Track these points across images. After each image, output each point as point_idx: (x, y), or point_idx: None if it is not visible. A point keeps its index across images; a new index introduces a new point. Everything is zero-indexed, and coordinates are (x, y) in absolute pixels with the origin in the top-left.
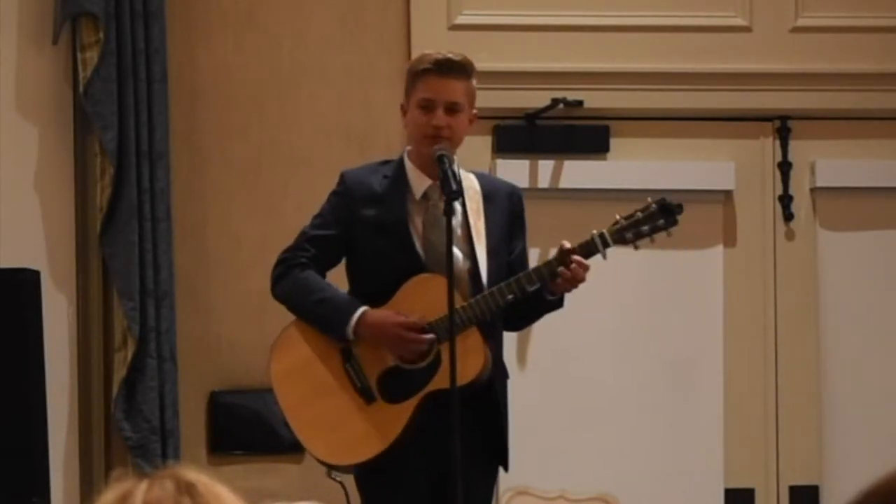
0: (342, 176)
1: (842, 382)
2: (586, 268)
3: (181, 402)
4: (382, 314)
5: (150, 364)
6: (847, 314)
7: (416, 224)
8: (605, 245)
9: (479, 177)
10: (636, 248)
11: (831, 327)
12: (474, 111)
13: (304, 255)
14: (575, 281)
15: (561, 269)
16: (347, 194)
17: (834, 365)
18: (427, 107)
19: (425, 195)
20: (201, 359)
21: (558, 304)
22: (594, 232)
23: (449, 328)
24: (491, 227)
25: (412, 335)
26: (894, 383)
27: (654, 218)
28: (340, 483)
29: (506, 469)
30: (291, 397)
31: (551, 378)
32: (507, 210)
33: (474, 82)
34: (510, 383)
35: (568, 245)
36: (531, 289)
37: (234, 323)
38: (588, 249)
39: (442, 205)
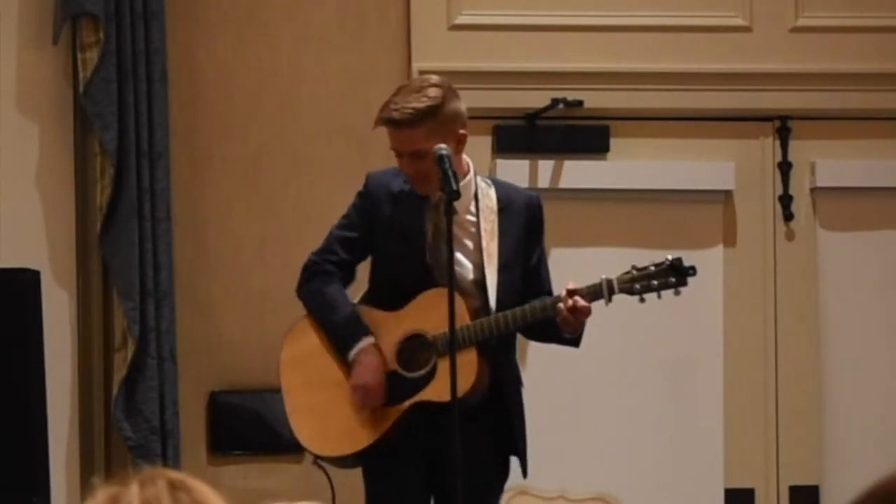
0: (367, 177)
1: (842, 382)
2: (583, 310)
3: (181, 402)
4: (371, 364)
5: (150, 364)
6: (847, 314)
7: (428, 232)
8: (611, 292)
9: (498, 187)
10: (642, 300)
11: (831, 327)
12: (461, 131)
13: (331, 258)
14: (570, 322)
15: (560, 306)
16: (370, 195)
17: (834, 365)
18: (397, 154)
19: (436, 205)
20: (201, 359)
21: (574, 343)
22: (603, 277)
23: (450, 327)
24: (504, 242)
25: (370, 394)
26: (894, 383)
27: (666, 275)
28: (324, 471)
29: (524, 475)
30: (292, 383)
31: (551, 378)
32: (522, 223)
33: (449, 108)
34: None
35: (573, 286)
36: (532, 321)
37: (234, 323)
38: (593, 293)
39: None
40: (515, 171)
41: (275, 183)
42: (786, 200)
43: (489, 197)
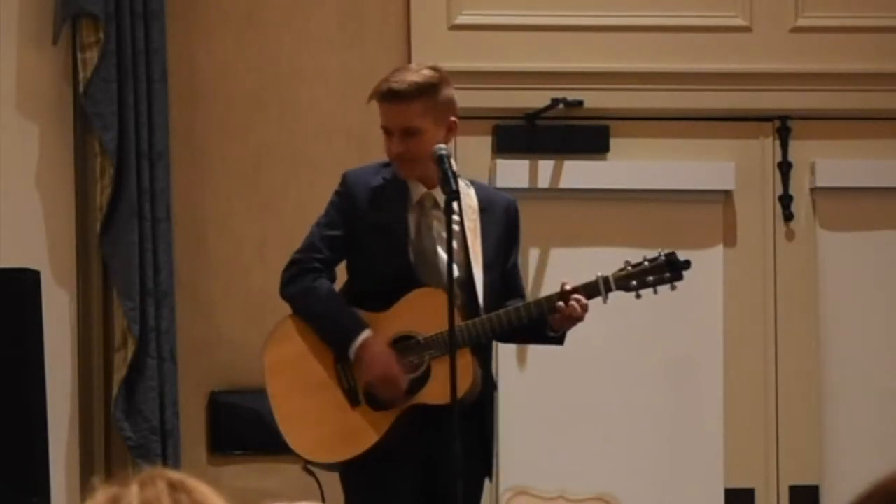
0: (344, 176)
1: (842, 382)
2: (584, 307)
3: (181, 402)
4: (382, 353)
5: (150, 364)
6: (847, 314)
7: (411, 229)
8: (608, 289)
9: (477, 188)
10: (638, 296)
11: (831, 327)
12: (452, 118)
13: (318, 256)
14: (572, 319)
15: (559, 304)
16: (349, 194)
17: (834, 365)
18: (387, 132)
19: (420, 202)
20: (201, 359)
21: (559, 341)
22: (599, 274)
23: (449, 327)
24: (486, 242)
25: (392, 383)
26: (894, 383)
27: (661, 270)
28: (315, 477)
29: (490, 479)
30: (280, 388)
31: (551, 378)
32: (503, 224)
33: (444, 92)
34: (508, 386)
35: (570, 285)
36: (528, 320)
37: (234, 323)
38: (590, 291)
39: (434, 213)
40: (515, 171)
41: (275, 183)
42: (786, 200)
43: (470, 197)
